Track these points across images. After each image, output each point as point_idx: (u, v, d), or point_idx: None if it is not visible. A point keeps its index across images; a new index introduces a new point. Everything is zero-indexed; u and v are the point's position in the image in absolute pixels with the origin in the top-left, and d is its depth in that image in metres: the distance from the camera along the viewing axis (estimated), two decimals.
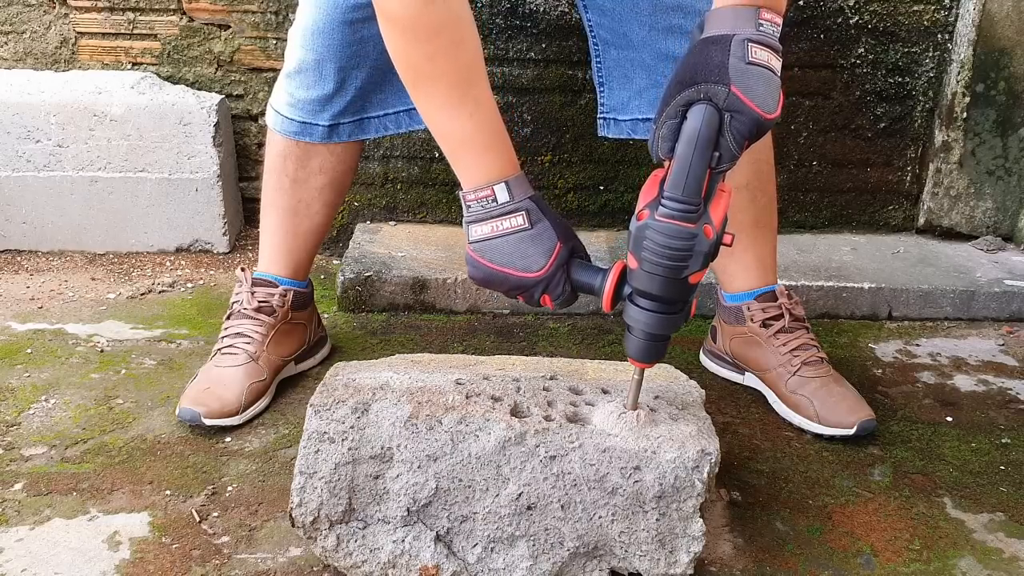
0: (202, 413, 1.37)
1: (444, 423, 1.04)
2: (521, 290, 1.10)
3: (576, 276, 1.08)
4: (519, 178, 1.09)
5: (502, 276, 1.09)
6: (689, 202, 0.95)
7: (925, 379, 1.64)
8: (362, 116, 1.47)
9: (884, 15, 1.97)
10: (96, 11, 1.99)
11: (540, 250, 1.07)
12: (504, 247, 1.08)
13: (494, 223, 1.08)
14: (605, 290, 1.04)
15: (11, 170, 1.97)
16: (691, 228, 0.96)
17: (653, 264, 0.97)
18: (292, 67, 1.44)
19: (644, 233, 0.97)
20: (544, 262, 1.07)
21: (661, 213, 0.96)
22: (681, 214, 0.95)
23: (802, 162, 2.07)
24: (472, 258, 1.11)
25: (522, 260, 1.07)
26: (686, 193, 0.95)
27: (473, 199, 1.09)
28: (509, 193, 1.07)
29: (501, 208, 1.08)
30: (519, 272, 1.08)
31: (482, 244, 1.09)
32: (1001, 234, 2.08)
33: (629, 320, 1.03)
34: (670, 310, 1.02)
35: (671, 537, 1.05)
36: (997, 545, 1.21)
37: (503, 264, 1.08)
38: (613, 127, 1.47)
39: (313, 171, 1.50)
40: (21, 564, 1.11)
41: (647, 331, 1.02)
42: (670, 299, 1.01)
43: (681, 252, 0.96)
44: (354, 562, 1.07)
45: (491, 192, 1.08)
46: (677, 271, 0.98)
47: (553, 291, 1.09)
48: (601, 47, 1.43)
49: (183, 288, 1.90)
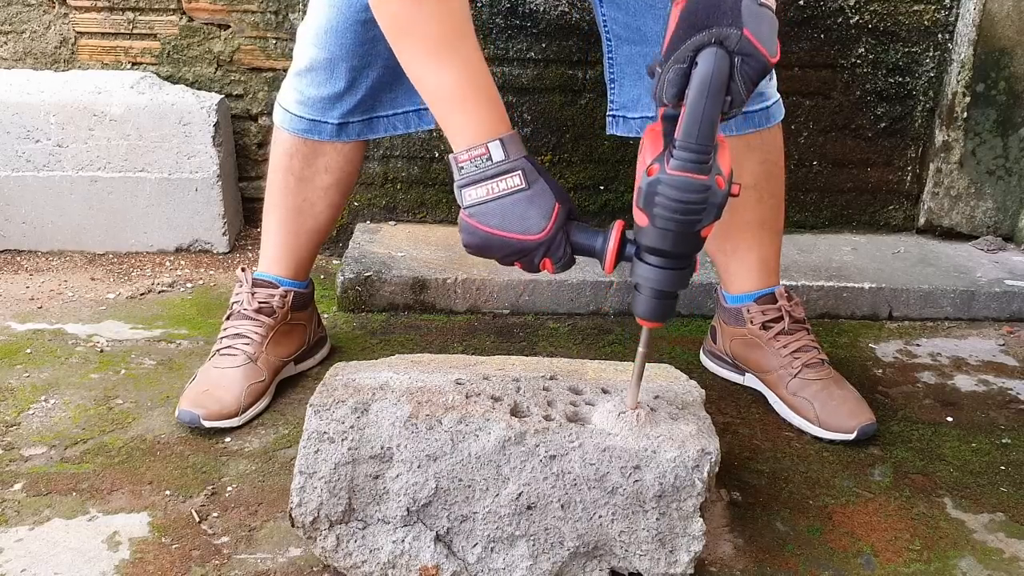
0: (201, 415, 1.37)
1: (444, 423, 1.04)
2: (521, 255, 1.06)
3: (575, 238, 1.05)
4: (513, 136, 1.06)
5: (501, 241, 1.05)
6: (703, 151, 0.92)
7: (925, 379, 1.63)
8: (372, 115, 1.47)
9: (884, 15, 1.97)
10: (96, 11, 1.99)
11: (540, 211, 1.03)
12: (502, 210, 1.04)
13: (490, 184, 1.04)
14: (608, 251, 1.02)
15: (11, 170, 1.97)
16: (704, 180, 0.93)
17: (666, 220, 0.95)
18: (303, 65, 1.44)
19: (655, 188, 0.94)
20: (545, 224, 1.03)
21: (673, 166, 0.93)
22: (694, 165, 0.92)
23: (802, 162, 2.07)
24: (468, 224, 1.06)
25: (522, 223, 1.03)
26: (700, 141, 0.91)
27: (466, 159, 1.05)
28: (504, 151, 1.04)
29: (496, 167, 1.04)
30: (519, 235, 1.04)
31: (478, 208, 1.05)
32: (1001, 234, 2.08)
33: (638, 279, 1.01)
34: (681, 265, 1.00)
35: (671, 537, 1.04)
36: (997, 545, 1.21)
37: (501, 228, 1.04)
38: (622, 125, 1.46)
39: (319, 170, 1.50)
40: (21, 564, 1.11)
41: (658, 288, 1.00)
42: (682, 254, 0.99)
43: (696, 205, 0.94)
44: (354, 562, 1.07)
45: (485, 150, 1.04)
46: (691, 225, 0.95)
47: (554, 254, 1.05)
48: (614, 43, 1.42)
49: (183, 288, 1.90)
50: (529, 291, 1.83)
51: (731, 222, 1.49)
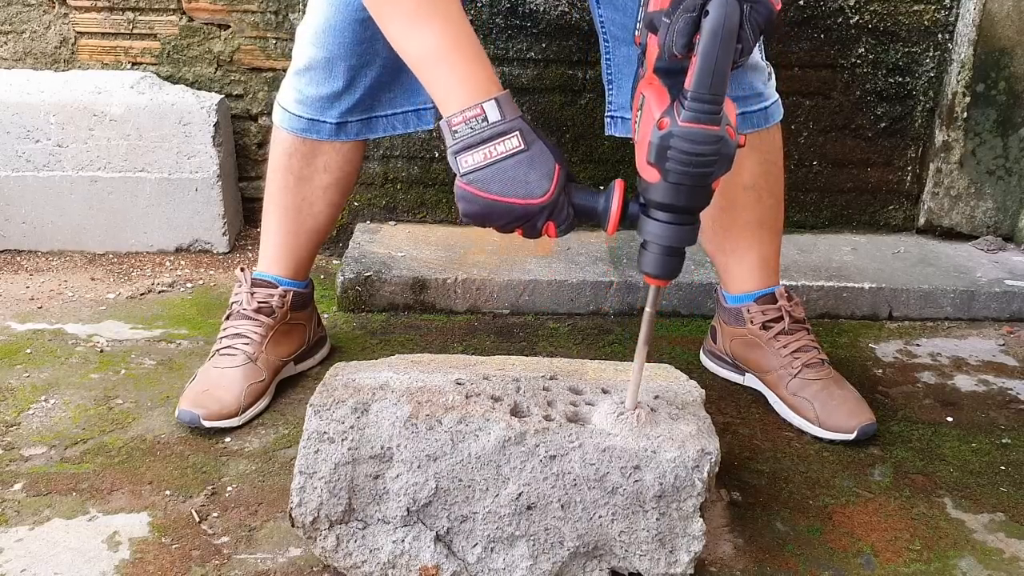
0: (201, 415, 1.37)
1: (444, 423, 1.04)
2: (524, 220, 1.02)
3: (576, 200, 1.02)
4: (507, 96, 1.02)
5: (504, 207, 1.00)
6: (715, 101, 0.90)
7: (925, 379, 1.63)
8: (370, 115, 1.47)
9: (884, 15, 1.97)
10: (96, 11, 1.99)
11: (541, 173, 1.00)
12: (502, 174, 0.99)
13: (487, 148, 0.99)
14: (611, 211, 1.00)
15: (11, 170, 1.97)
16: (717, 131, 0.91)
17: (680, 173, 0.93)
18: (302, 64, 1.44)
19: (668, 142, 0.91)
20: (548, 185, 0.99)
21: (685, 117, 0.91)
22: (707, 116, 0.90)
23: (802, 162, 2.07)
24: (466, 192, 1.01)
25: (525, 186, 1.00)
26: (713, 91, 0.90)
27: (460, 121, 1.00)
28: (500, 111, 1.00)
29: (493, 128, 1.00)
30: (522, 200, 0.99)
31: (476, 174, 1.00)
32: (1001, 234, 2.08)
33: (647, 236, 0.99)
34: (689, 220, 0.98)
35: (671, 537, 1.04)
36: (997, 545, 1.21)
37: (503, 193, 1.00)
38: (621, 126, 1.46)
39: (318, 169, 1.50)
40: (21, 564, 1.11)
41: (668, 245, 0.98)
42: (693, 208, 0.97)
43: (709, 157, 0.92)
44: (354, 562, 1.07)
45: (480, 111, 0.99)
46: (704, 177, 0.93)
47: (558, 216, 1.02)
48: (611, 43, 1.42)
49: (183, 288, 1.90)
50: (529, 291, 1.83)
51: (731, 222, 1.49)
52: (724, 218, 1.49)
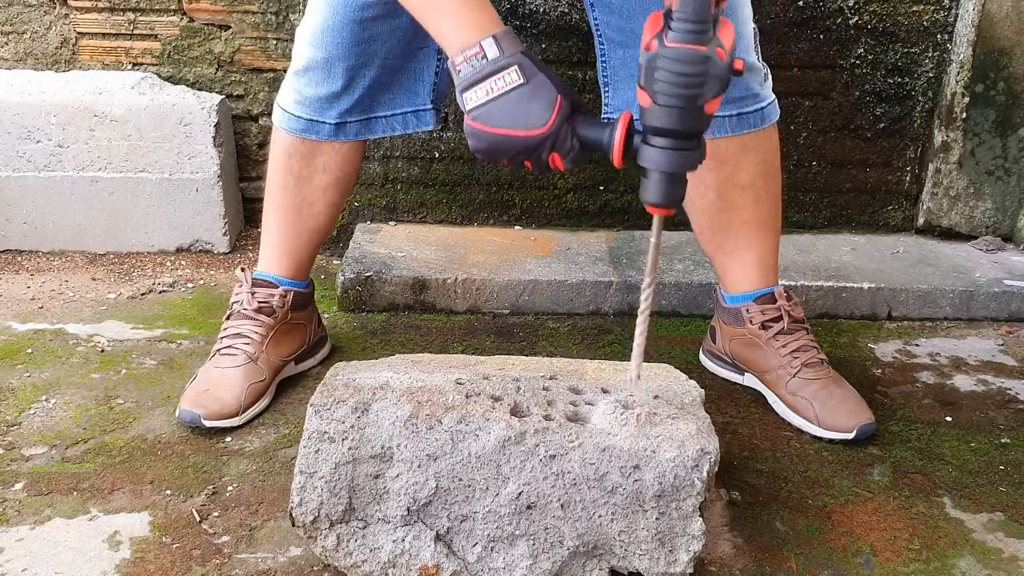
0: (202, 415, 1.37)
1: (444, 423, 1.05)
2: (528, 152, 1.05)
3: (582, 131, 1.04)
4: (507, 32, 1.05)
5: (508, 140, 1.04)
6: (700, 20, 0.91)
7: (924, 379, 1.64)
8: (369, 115, 1.48)
9: (884, 15, 1.97)
10: (96, 11, 1.99)
11: (542, 105, 1.03)
12: (504, 108, 1.03)
13: (489, 84, 1.03)
14: (615, 142, 1.00)
15: (12, 170, 1.97)
16: (704, 51, 0.92)
17: (668, 96, 0.94)
18: (301, 65, 1.44)
19: (655, 63, 0.93)
20: (548, 116, 1.02)
21: (671, 38, 0.92)
22: (693, 36, 0.92)
23: (802, 162, 2.07)
24: (473, 128, 1.05)
25: (525, 118, 1.03)
26: (696, 9, 0.91)
27: (462, 60, 1.04)
28: (499, 48, 1.03)
29: (493, 65, 1.03)
30: (524, 132, 1.03)
31: (481, 110, 1.04)
32: (1000, 234, 2.08)
33: (645, 163, 0.99)
34: (688, 146, 0.98)
35: (671, 536, 1.05)
36: (996, 545, 1.21)
37: (506, 127, 1.03)
38: None
39: (317, 169, 1.50)
40: (21, 564, 1.12)
41: (665, 171, 0.98)
42: (687, 132, 0.97)
43: (696, 77, 0.92)
44: (354, 561, 1.07)
45: (480, 49, 1.04)
46: (693, 99, 0.94)
47: (561, 147, 1.04)
48: (607, 46, 1.42)
49: (183, 288, 1.90)
50: (529, 291, 1.83)
51: (729, 222, 1.50)
52: (722, 218, 1.50)
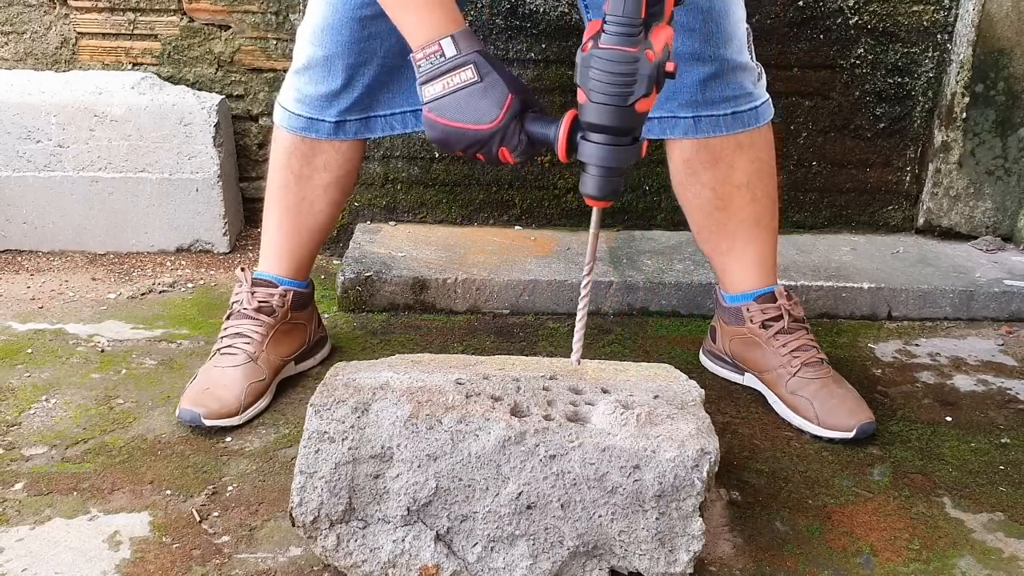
0: (202, 414, 1.37)
1: (444, 423, 1.05)
2: (478, 145, 1.12)
3: (530, 127, 1.10)
4: (465, 32, 1.12)
5: (458, 132, 1.11)
6: (629, 23, 0.97)
7: (924, 379, 1.64)
8: (369, 114, 1.48)
9: (884, 15, 1.97)
10: (96, 11, 1.99)
11: (491, 102, 1.09)
12: (457, 103, 1.10)
13: (445, 80, 1.11)
14: (559, 138, 1.06)
15: (12, 170, 1.97)
16: (633, 52, 0.98)
17: (600, 93, 1.00)
18: (301, 64, 1.44)
19: (589, 62, 0.99)
20: (497, 113, 1.09)
21: (603, 40, 0.99)
22: (622, 38, 0.98)
23: (802, 162, 2.07)
24: (428, 119, 1.13)
25: (475, 113, 1.10)
26: (626, 13, 0.97)
27: (422, 57, 1.11)
28: (456, 47, 1.10)
29: (449, 63, 1.10)
30: (473, 125, 1.10)
31: (436, 103, 1.12)
32: (1000, 234, 2.08)
33: (583, 158, 1.05)
34: (621, 141, 1.04)
35: (671, 536, 1.05)
36: (996, 545, 1.21)
37: (457, 119, 1.11)
38: None
39: (318, 168, 1.50)
40: (21, 564, 1.12)
41: (601, 165, 1.04)
42: (620, 128, 1.02)
43: (625, 77, 0.98)
44: (354, 561, 1.07)
45: (438, 47, 1.10)
46: (623, 98, 1.00)
47: (509, 142, 1.11)
48: None
49: (183, 288, 1.90)
50: (529, 291, 1.83)
51: (726, 221, 1.50)
52: (719, 217, 1.50)
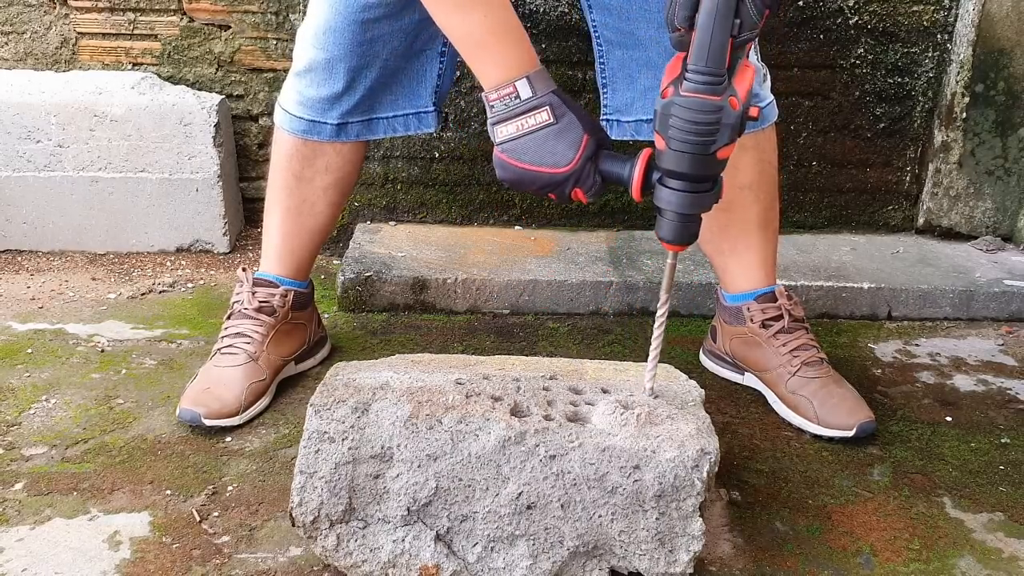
0: (202, 414, 1.37)
1: (444, 423, 1.05)
2: (552, 187, 1.10)
3: (604, 167, 1.08)
4: (540, 72, 1.09)
5: (533, 175, 1.09)
6: (713, 73, 0.95)
7: (924, 379, 1.64)
8: (371, 116, 1.48)
9: (884, 15, 1.97)
10: (96, 11, 1.99)
11: (567, 144, 1.07)
12: (532, 144, 1.08)
13: (519, 121, 1.08)
14: (634, 178, 1.04)
15: (12, 170, 1.97)
16: (717, 100, 0.95)
17: (681, 142, 0.97)
18: (302, 66, 1.44)
19: (669, 110, 0.97)
20: (573, 155, 1.07)
21: (686, 88, 0.96)
22: (706, 87, 0.95)
23: (802, 162, 2.07)
24: (501, 160, 1.11)
25: (551, 156, 1.08)
26: (710, 63, 0.94)
27: (496, 98, 1.09)
28: (531, 88, 1.08)
29: (525, 104, 1.08)
30: (549, 169, 1.08)
31: (509, 144, 1.09)
32: (1000, 234, 2.08)
33: (660, 203, 1.03)
34: (700, 188, 1.02)
35: (671, 536, 1.05)
36: (996, 545, 1.21)
37: (532, 162, 1.09)
38: (616, 129, 1.47)
39: (319, 170, 1.50)
40: (21, 564, 1.12)
41: (679, 212, 1.02)
42: (700, 176, 1.00)
43: (708, 126, 0.96)
44: (354, 561, 1.07)
45: (513, 89, 1.08)
46: (705, 146, 0.97)
47: (584, 183, 1.09)
48: (605, 48, 1.42)
49: (183, 288, 1.90)
50: (529, 291, 1.83)
51: (728, 221, 1.50)
52: (721, 218, 1.50)
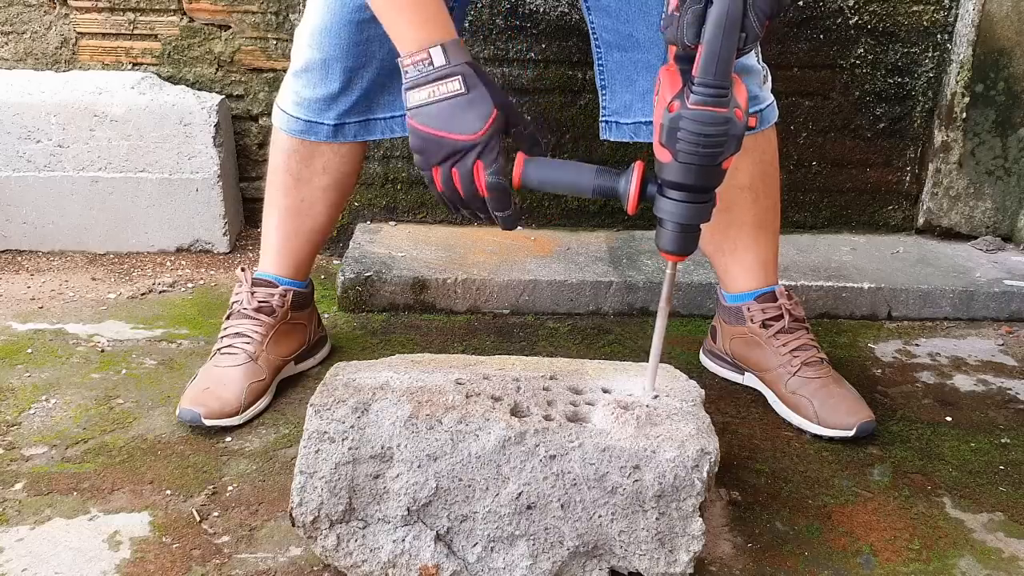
0: (202, 413, 1.37)
1: (444, 423, 1.05)
2: (455, 155, 1.10)
3: (597, 181, 1.08)
4: (455, 43, 1.11)
5: (437, 140, 1.10)
6: (721, 86, 0.96)
7: (924, 379, 1.64)
8: (368, 117, 1.48)
9: (884, 15, 1.97)
10: (96, 11, 1.99)
11: (476, 115, 1.09)
12: (441, 112, 1.10)
13: (432, 88, 1.10)
14: (631, 192, 1.04)
15: (12, 170, 1.97)
16: (725, 112, 0.97)
17: (689, 154, 0.98)
18: (299, 66, 1.44)
19: (678, 124, 0.97)
20: (480, 126, 1.09)
21: (694, 101, 0.97)
22: (714, 99, 0.96)
23: (802, 162, 2.07)
24: (411, 126, 1.12)
25: (459, 124, 1.09)
26: (718, 76, 0.96)
27: (410, 63, 1.11)
28: (445, 57, 1.10)
29: (438, 72, 1.09)
30: (455, 135, 1.09)
31: (419, 110, 1.11)
32: (1000, 234, 2.08)
33: (662, 214, 1.04)
34: (703, 198, 1.03)
35: (671, 536, 1.05)
36: (996, 545, 1.21)
37: (439, 128, 1.10)
38: (615, 130, 1.47)
39: (317, 170, 1.50)
40: (22, 564, 1.12)
41: (681, 222, 1.03)
42: (704, 187, 1.02)
43: (717, 138, 0.97)
44: (354, 561, 1.07)
45: (427, 55, 1.10)
46: (714, 157, 0.98)
47: (487, 157, 1.10)
48: (604, 50, 1.43)
49: (183, 288, 1.90)
50: (529, 291, 1.83)
51: (728, 222, 1.50)
52: (722, 219, 1.49)
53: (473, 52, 1.96)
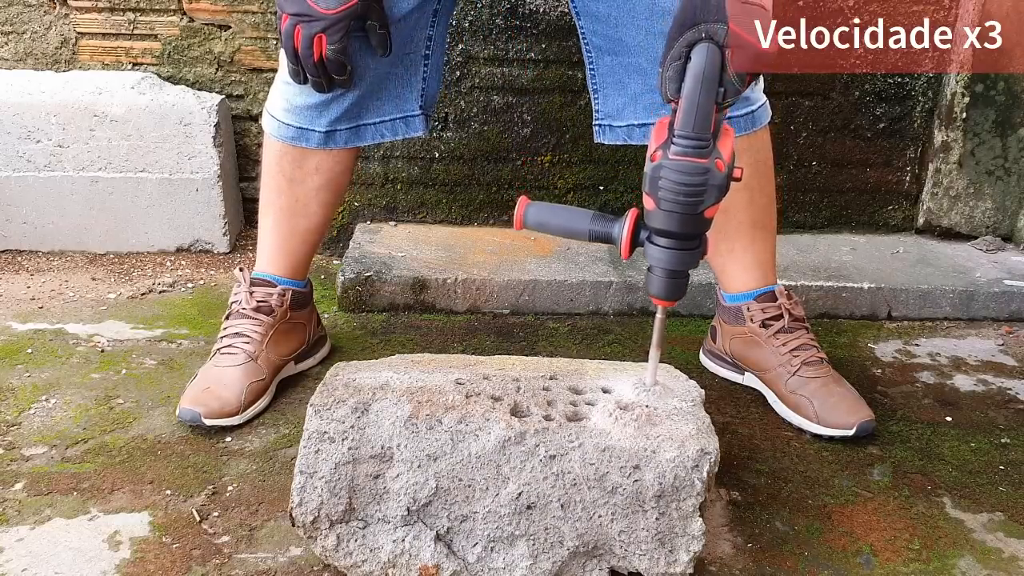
0: (202, 413, 1.37)
1: (444, 423, 1.05)
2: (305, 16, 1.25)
3: (593, 226, 1.10)
4: None
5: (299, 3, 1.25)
6: (700, 138, 0.99)
7: (924, 379, 1.64)
8: (359, 123, 1.48)
9: (884, 15, 1.97)
10: (96, 11, 1.99)
11: None
12: None
13: None
14: (623, 238, 1.07)
15: (12, 170, 1.97)
16: (704, 163, 0.99)
17: (670, 202, 1.01)
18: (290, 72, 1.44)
19: (659, 173, 1.01)
20: (335, 5, 1.24)
21: (674, 152, 1.00)
22: (693, 150, 0.99)
23: (802, 162, 2.07)
24: None
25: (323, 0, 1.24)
26: (696, 129, 0.99)
27: None
28: None
29: None
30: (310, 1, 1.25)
31: None
32: (1000, 234, 2.08)
33: (650, 260, 1.07)
34: (688, 246, 1.05)
35: (671, 536, 1.05)
36: (996, 545, 1.22)
37: None
38: (609, 133, 1.47)
39: (310, 171, 1.50)
40: (22, 564, 1.12)
41: (668, 268, 1.06)
42: (688, 234, 1.04)
43: (696, 187, 1.00)
44: (354, 561, 1.07)
45: None
46: (694, 206, 1.01)
47: (332, 35, 1.25)
48: (595, 54, 1.43)
49: (183, 288, 1.90)
50: (529, 291, 1.83)
51: (725, 223, 1.50)
52: (718, 220, 1.48)
53: (473, 52, 1.96)
